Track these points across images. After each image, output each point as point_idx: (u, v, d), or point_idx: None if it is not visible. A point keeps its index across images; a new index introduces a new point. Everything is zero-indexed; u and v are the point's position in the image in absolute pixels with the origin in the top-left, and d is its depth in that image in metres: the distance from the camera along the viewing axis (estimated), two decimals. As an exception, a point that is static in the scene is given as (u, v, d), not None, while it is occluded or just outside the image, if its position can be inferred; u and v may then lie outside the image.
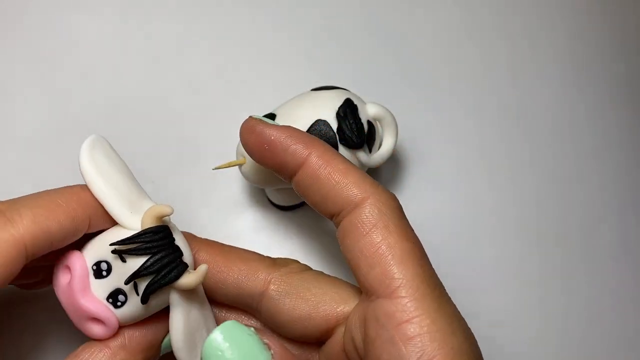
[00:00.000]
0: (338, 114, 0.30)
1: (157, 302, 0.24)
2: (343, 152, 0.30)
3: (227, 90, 0.37)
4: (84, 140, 0.25)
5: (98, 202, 0.24)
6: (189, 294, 0.25)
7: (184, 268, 0.24)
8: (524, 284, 0.34)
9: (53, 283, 0.25)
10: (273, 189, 0.34)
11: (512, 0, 0.40)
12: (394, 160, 0.36)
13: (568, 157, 0.37)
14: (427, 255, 0.24)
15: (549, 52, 0.39)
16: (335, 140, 0.30)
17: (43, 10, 0.38)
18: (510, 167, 0.37)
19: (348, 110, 0.30)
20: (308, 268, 0.28)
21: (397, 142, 0.32)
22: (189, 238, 0.27)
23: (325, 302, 0.26)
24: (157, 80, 0.37)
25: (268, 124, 0.26)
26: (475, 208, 0.36)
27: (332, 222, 0.26)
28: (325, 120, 0.30)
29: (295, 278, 0.26)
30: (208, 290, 0.27)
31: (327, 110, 0.30)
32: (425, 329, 0.22)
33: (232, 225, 0.34)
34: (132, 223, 0.24)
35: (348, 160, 0.26)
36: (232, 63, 0.38)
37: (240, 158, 0.31)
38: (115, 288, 0.24)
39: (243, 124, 0.27)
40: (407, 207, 0.25)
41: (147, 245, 0.23)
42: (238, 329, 0.24)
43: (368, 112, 0.31)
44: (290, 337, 0.27)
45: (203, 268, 0.24)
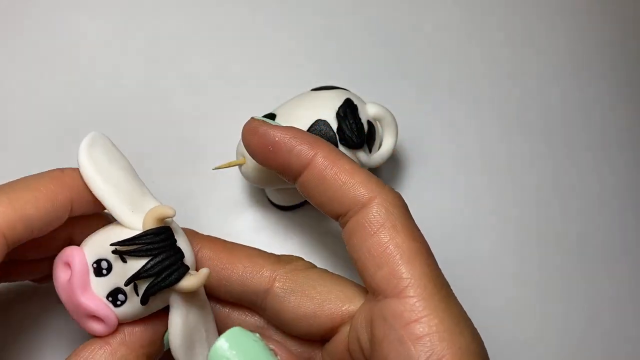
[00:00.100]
0: (338, 114, 0.30)
1: (157, 302, 0.24)
2: (343, 152, 0.30)
3: (227, 90, 0.37)
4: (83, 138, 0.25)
5: (81, 184, 0.24)
6: (189, 295, 0.24)
7: (185, 271, 0.24)
8: (524, 284, 0.34)
9: (53, 279, 0.25)
10: (273, 189, 0.34)
11: (512, 1, 0.40)
12: (394, 160, 0.36)
13: (568, 157, 0.37)
14: (433, 255, 0.24)
15: (549, 52, 0.39)
16: (335, 141, 0.30)
17: (43, 10, 0.38)
18: (510, 167, 0.37)
19: (348, 110, 0.30)
20: (313, 265, 0.27)
21: (397, 142, 0.32)
22: (193, 235, 0.27)
23: (331, 300, 0.26)
24: (157, 80, 0.37)
25: (271, 125, 0.26)
26: (475, 208, 0.36)
27: (333, 222, 0.26)
28: (325, 120, 0.30)
29: (301, 275, 0.26)
30: (212, 288, 0.26)
31: (327, 110, 0.30)
32: (434, 329, 0.22)
33: (232, 225, 0.34)
34: (133, 222, 0.24)
35: (353, 161, 0.25)
36: (232, 63, 0.38)
37: (240, 158, 0.31)
38: (115, 287, 0.24)
39: (245, 126, 0.27)
40: (407, 207, 0.25)
41: (147, 247, 0.23)
42: (244, 336, 0.24)
43: (368, 112, 0.31)
44: (295, 334, 0.27)
45: (204, 272, 0.24)
